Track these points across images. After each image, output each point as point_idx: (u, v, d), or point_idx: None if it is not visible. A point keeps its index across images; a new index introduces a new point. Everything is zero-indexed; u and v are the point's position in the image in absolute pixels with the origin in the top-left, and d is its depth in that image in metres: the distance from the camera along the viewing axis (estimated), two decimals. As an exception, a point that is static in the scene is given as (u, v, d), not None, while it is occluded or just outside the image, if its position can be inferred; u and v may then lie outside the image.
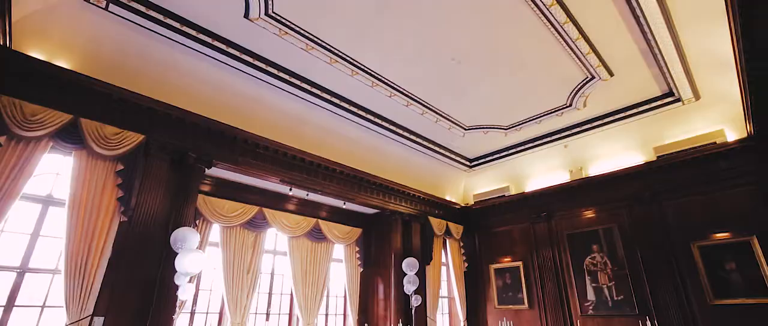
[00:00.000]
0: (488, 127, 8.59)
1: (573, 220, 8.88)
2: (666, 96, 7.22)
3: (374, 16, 5.49)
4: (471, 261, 10.38)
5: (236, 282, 7.12)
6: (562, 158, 9.11)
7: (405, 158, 9.38)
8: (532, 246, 9.39)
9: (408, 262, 8.45)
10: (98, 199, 5.08)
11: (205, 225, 7.01)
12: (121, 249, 5.14)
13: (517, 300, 9.34)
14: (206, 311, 7.12)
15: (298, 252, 8.28)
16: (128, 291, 5.08)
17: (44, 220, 5.12)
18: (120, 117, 5.44)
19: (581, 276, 8.41)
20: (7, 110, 4.57)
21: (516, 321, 9.19)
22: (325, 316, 8.83)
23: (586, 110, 7.79)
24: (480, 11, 5.40)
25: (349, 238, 9.20)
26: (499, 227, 10.18)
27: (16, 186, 4.56)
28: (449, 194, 10.66)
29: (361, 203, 8.64)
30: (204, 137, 6.28)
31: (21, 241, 4.93)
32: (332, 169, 7.95)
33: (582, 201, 8.75)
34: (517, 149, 9.34)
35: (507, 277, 9.66)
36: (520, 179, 9.89)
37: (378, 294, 9.11)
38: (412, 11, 5.40)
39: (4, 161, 4.55)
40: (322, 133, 7.98)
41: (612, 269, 8.05)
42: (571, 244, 8.74)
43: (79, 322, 4.64)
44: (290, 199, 8.34)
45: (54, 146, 4.96)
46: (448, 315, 10.29)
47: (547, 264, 8.97)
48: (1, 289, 4.71)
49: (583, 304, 8.27)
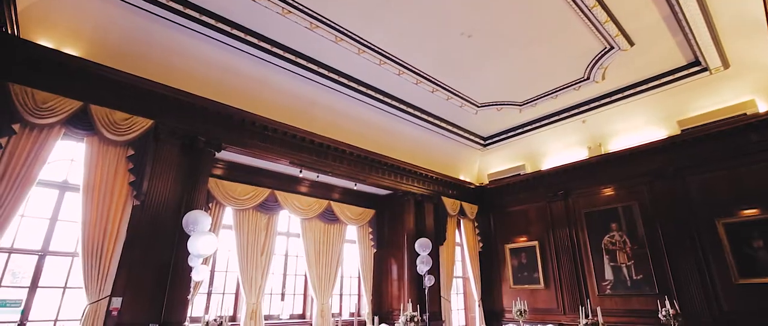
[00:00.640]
0: (502, 103, 8.33)
1: (591, 198, 8.62)
2: (691, 65, 6.80)
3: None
4: (486, 241, 10.27)
5: (250, 264, 7.26)
6: (580, 134, 8.79)
7: (417, 138, 9.24)
8: (548, 225, 9.20)
9: (421, 242, 8.42)
10: (111, 184, 5.19)
11: (217, 208, 7.12)
12: (134, 232, 5.26)
13: (532, 280, 9.23)
14: (222, 292, 7.30)
15: (311, 233, 8.35)
16: (144, 272, 5.23)
17: (61, 205, 5.27)
18: (129, 103, 5.50)
19: (599, 255, 8.21)
20: (19, 98, 4.66)
21: (531, 301, 9.09)
22: (340, 296, 8.95)
23: (604, 83, 7.43)
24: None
25: (362, 219, 9.21)
26: (514, 206, 10.00)
27: (32, 172, 4.69)
28: (463, 173, 10.50)
29: (373, 184, 8.60)
30: (212, 120, 6.30)
31: (41, 226, 5.10)
32: (342, 150, 7.90)
33: (601, 179, 8.47)
34: (533, 125, 9.05)
35: (522, 257, 9.54)
36: (536, 157, 9.62)
37: (392, 274, 9.15)
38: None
39: (20, 149, 4.68)
40: (331, 114, 7.91)
41: (631, 247, 7.82)
42: (588, 223, 8.52)
43: (98, 302, 4.81)
44: (302, 181, 8.37)
45: (66, 132, 5.06)
46: (463, 295, 10.28)
47: (563, 244, 8.79)
48: (25, 271, 4.91)
49: (600, 284, 8.10)
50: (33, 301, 4.85)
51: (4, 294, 4.70)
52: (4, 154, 4.56)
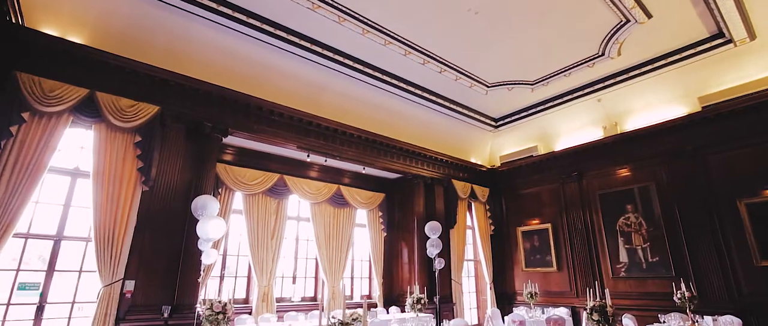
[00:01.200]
0: (513, 83, 8.10)
1: (606, 179, 8.38)
2: (714, 38, 6.44)
3: (380, -33, 5.15)
4: (497, 224, 10.16)
5: (261, 248, 7.35)
6: (594, 114, 8.51)
7: (426, 120, 9.10)
8: (561, 207, 9.02)
9: (431, 226, 8.37)
10: (120, 170, 5.27)
11: (227, 193, 7.20)
12: (145, 217, 5.36)
13: (545, 263, 9.12)
14: (235, 275, 7.44)
15: (321, 217, 8.40)
16: (155, 256, 5.34)
17: (74, 191, 5.39)
18: (134, 89, 5.53)
19: (613, 238, 8.03)
20: (27, 87, 4.73)
21: (544, 284, 9.00)
22: (351, 279, 9.02)
23: (620, 59, 7.12)
24: (495, -47, 4.92)
25: (372, 203, 9.21)
26: (526, 188, 9.83)
27: (43, 159, 4.79)
28: (474, 156, 10.34)
29: (382, 167, 8.55)
30: (218, 106, 6.30)
31: (55, 212, 5.24)
32: (350, 134, 7.85)
33: (616, 159, 8.21)
34: (546, 105, 8.79)
35: (535, 239, 9.41)
36: (549, 137, 9.38)
37: (402, 257, 9.17)
38: (419, -41, 5.01)
39: (30, 136, 4.77)
40: (339, 98, 7.84)
41: (647, 229, 7.60)
42: (603, 204, 8.31)
43: (112, 285, 4.95)
44: (311, 166, 8.38)
45: (74, 120, 5.13)
46: (474, 278, 10.25)
47: (577, 226, 8.62)
48: (42, 255, 5.07)
49: (614, 266, 7.93)
50: (50, 284, 5.01)
51: (23, 278, 4.87)
52: (15, 142, 4.66)
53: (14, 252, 4.89)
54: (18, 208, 4.55)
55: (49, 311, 4.93)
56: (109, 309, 4.87)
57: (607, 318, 3.69)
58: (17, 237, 4.90)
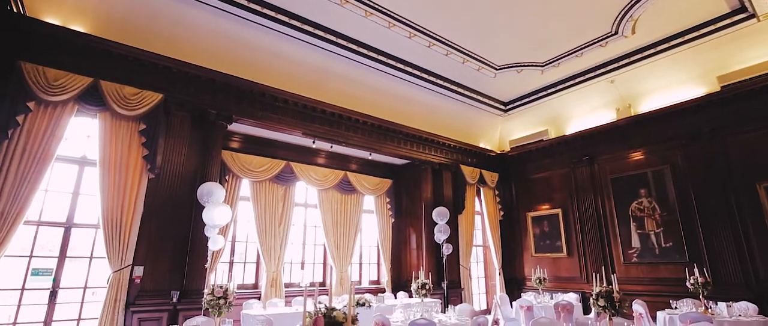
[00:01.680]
0: (522, 65, 7.88)
1: (618, 163, 8.17)
2: (735, 13, 6.12)
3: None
4: (507, 209, 10.05)
5: (269, 234, 7.41)
6: (607, 96, 8.25)
7: (434, 105, 8.96)
8: (572, 192, 8.85)
9: (438, 211, 8.33)
10: (125, 158, 5.31)
11: (234, 181, 7.24)
12: (151, 205, 5.42)
13: (555, 248, 9.01)
14: (244, 261, 7.53)
15: (328, 203, 8.41)
16: (163, 242, 5.42)
17: (82, 180, 5.47)
18: (137, 77, 5.54)
19: (626, 223, 7.86)
20: (31, 76, 4.76)
21: (554, 269, 8.92)
22: (359, 265, 9.07)
23: (635, 38, 6.84)
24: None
25: (379, 189, 9.18)
26: (537, 173, 9.66)
27: (49, 148, 4.86)
28: (483, 141, 10.18)
29: (388, 153, 8.48)
30: (222, 93, 6.28)
31: (64, 200, 5.33)
32: (356, 120, 7.78)
33: (629, 142, 7.98)
34: (556, 87, 8.56)
35: (545, 225, 9.28)
36: (560, 121, 9.16)
37: (410, 243, 9.16)
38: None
39: (37, 126, 4.83)
40: (344, 83, 7.75)
41: (661, 214, 7.41)
42: (615, 189, 8.12)
43: (121, 271, 5.04)
44: (318, 152, 8.36)
45: (80, 109, 5.17)
46: (483, 263, 10.21)
47: (588, 211, 8.46)
48: (54, 242, 5.19)
49: (626, 252, 7.78)
50: (62, 270, 5.14)
51: (36, 264, 5.00)
52: (22, 131, 4.72)
53: (27, 239, 5.00)
54: (27, 196, 4.63)
55: (62, 296, 5.06)
56: (119, 294, 4.97)
57: (613, 303, 3.60)
58: (29, 225, 5.02)
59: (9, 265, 4.93)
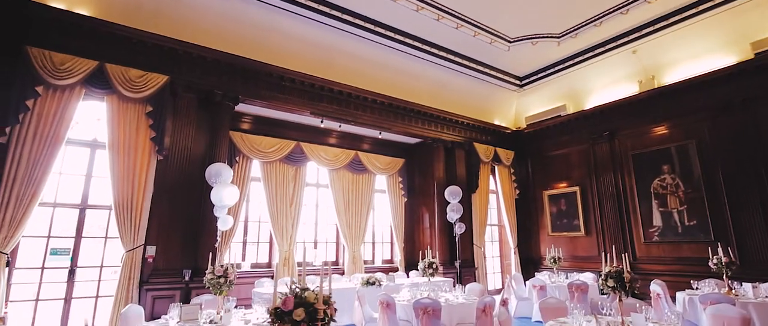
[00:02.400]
0: (537, 36, 7.50)
1: (640, 138, 7.77)
2: (773, -29, 5.59)
3: None
4: (523, 188, 9.81)
5: (280, 214, 7.47)
6: (629, 67, 7.79)
7: (445, 81, 8.70)
8: (591, 169, 8.53)
9: (451, 190, 8.20)
10: (133, 140, 5.38)
11: (245, 162, 7.28)
12: (161, 186, 5.51)
13: (572, 227, 8.77)
14: (257, 241, 7.64)
15: (340, 183, 8.39)
16: (173, 223, 5.52)
17: (94, 162, 5.59)
18: (143, 60, 5.55)
19: (647, 201, 7.53)
20: (38, 61, 4.83)
21: (571, 249, 8.71)
22: (372, 244, 9.09)
23: (659, 3, 6.37)
24: None
25: (391, 168, 9.08)
26: (554, 150, 9.34)
27: (60, 131, 4.95)
28: (498, 118, 9.88)
29: (399, 132, 8.34)
30: (228, 73, 6.25)
31: (78, 182, 5.47)
32: (365, 98, 7.64)
33: (652, 116, 7.56)
34: (574, 60, 8.14)
35: (562, 203, 9.03)
36: (579, 95, 8.76)
37: (423, 222, 9.09)
38: None
39: (46, 109, 4.92)
40: (352, 61, 7.59)
41: (684, 191, 7.05)
42: (636, 165, 7.76)
43: (134, 250, 5.18)
44: (329, 132, 8.30)
45: (87, 92, 5.23)
46: (498, 243, 10.07)
47: (607, 189, 8.15)
48: (70, 223, 5.36)
49: (647, 230, 7.49)
50: (79, 249, 5.32)
51: (54, 244, 5.19)
52: (33, 115, 4.82)
53: (45, 220, 5.18)
54: (41, 178, 4.76)
55: (80, 274, 5.25)
56: (132, 272, 5.12)
57: (623, 284, 3.43)
58: (46, 206, 5.19)
59: (29, 245, 5.14)
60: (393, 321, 4.49)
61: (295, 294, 1.61)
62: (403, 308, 4.62)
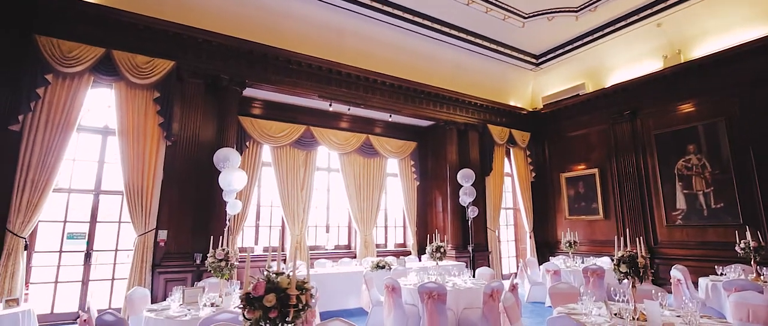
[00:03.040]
0: (553, 11, 7.13)
1: (664, 117, 7.37)
2: (816, -71, 5.07)
3: None
4: (539, 170, 9.53)
5: (291, 198, 7.50)
6: (653, 41, 7.34)
7: (457, 62, 8.44)
8: (610, 150, 8.18)
9: (463, 173, 8.03)
10: (142, 126, 5.43)
11: (255, 147, 7.30)
12: (170, 171, 5.57)
13: (591, 210, 8.48)
14: (269, 225, 7.71)
15: (351, 167, 8.34)
16: (183, 207, 5.58)
17: (106, 149, 5.69)
18: (149, 46, 5.55)
19: (670, 182, 7.18)
20: (47, 49, 4.89)
21: (589, 233, 8.45)
22: (385, 228, 9.06)
23: (687, -30, 5.93)
24: None
25: (403, 152, 8.96)
26: (572, 131, 9.00)
27: (70, 118, 5.04)
28: (514, 98, 9.56)
29: (410, 114, 8.17)
30: (233, 58, 6.20)
31: (92, 168, 5.59)
32: (374, 80, 7.49)
33: (678, 93, 7.14)
34: (594, 35, 7.72)
35: (580, 186, 8.73)
36: (599, 73, 8.35)
37: (436, 206, 8.99)
38: None
39: (56, 97, 5.00)
40: (360, 42, 7.43)
41: (711, 172, 6.67)
42: (659, 145, 7.38)
43: (145, 234, 5.28)
44: (340, 116, 8.21)
45: (96, 80, 5.29)
46: (514, 227, 9.87)
47: (628, 170, 7.80)
48: (85, 208, 5.50)
49: (670, 214, 7.16)
50: (95, 234, 5.47)
51: (70, 229, 5.34)
52: (44, 103, 4.91)
53: (60, 205, 5.33)
54: (54, 164, 4.87)
55: (96, 258, 5.41)
56: (145, 255, 5.23)
57: (637, 270, 3.24)
58: (61, 192, 5.33)
59: (47, 230, 5.32)
60: (399, 305, 4.44)
61: (268, 278, 1.54)
62: (409, 292, 4.57)
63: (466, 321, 4.39)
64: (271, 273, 1.57)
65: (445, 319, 4.08)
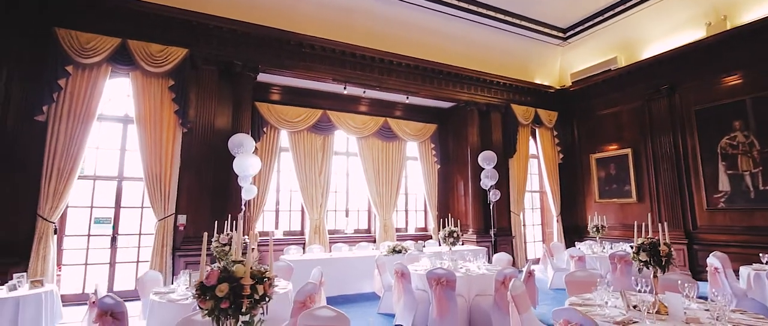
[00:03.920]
0: (581, -20, 6.61)
1: (706, 91, 6.73)
2: None
3: None
4: (567, 151, 9.06)
5: (309, 183, 7.53)
6: (694, 8, 6.67)
7: (477, 40, 8.05)
8: (645, 128, 7.61)
9: (484, 156, 7.74)
10: (158, 114, 5.56)
11: (273, 132, 7.34)
12: (187, 157, 5.69)
13: (623, 193, 7.99)
14: (289, 209, 7.80)
15: (369, 151, 8.25)
16: (201, 193, 5.71)
17: (127, 137, 5.87)
18: (162, 34, 5.63)
19: (712, 162, 6.60)
20: (66, 41, 5.04)
21: (621, 217, 7.98)
22: (405, 212, 8.96)
23: (734, -76, 5.27)
24: None
25: (423, 135, 8.76)
26: (603, 109, 8.44)
27: (91, 108, 5.22)
28: (539, 76, 9.06)
29: (428, 96, 7.93)
30: (245, 44, 6.19)
31: (114, 156, 5.80)
32: (390, 61, 7.30)
33: (723, 64, 6.49)
34: (627, 4, 7.11)
35: (611, 167, 8.22)
36: (633, 45, 7.72)
37: (458, 190, 8.77)
38: None
39: (77, 87, 5.19)
40: (375, 22, 7.21)
41: (760, 150, 6.07)
42: (700, 122, 6.78)
43: (165, 219, 5.45)
44: (358, 100, 8.10)
45: (113, 69, 5.43)
46: (540, 211, 9.49)
47: (664, 150, 7.24)
48: (110, 194, 5.73)
49: (711, 196, 6.60)
50: (119, 218, 5.71)
51: (97, 214, 5.60)
52: (65, 94, 5.10)
53: (87, 191, 5.58)
54: (78, 152, 5.08)
55: (121, 241, 5.65)
56: (165, 239, 5.42)
57: (659, 259, 2.96)
58: (87, 179, 5.58)
59: (76, 214, 5.59)
60: (408, 291, 4.36)
61: (224, 267, 1.47)
62: (420, 278, 4.46)
63: (477, 309, 4.25)
64: (232, 260, 1.50)
65: (454, 306, 3.96)
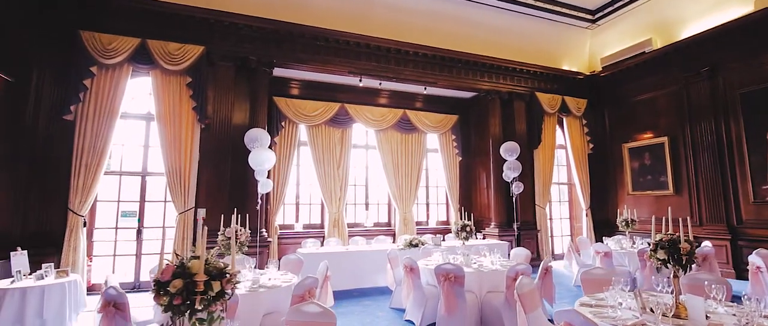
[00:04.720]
0: (608, -43, 6.16)
1: (753, 72, 6.13)
2: None
3: None
4: (597, 141, 8.57)
5: (328, 177, 7.56)
6: (740, -20, 6.07)
7: (499, 26, 7.73)
8: (683, 115, 7.06)
9: (506, 147, 7.47)
10: (177, 111, 5.72)
11: (291, 127, 7.41)
12: (206, 152, 5.84)
13: (659, 185, 7.47)
14: (309, 202, 7.87)
15: (388, 144, 8.17)
16: (219, 187, 5.86)
17: (150, 133, 6.10)
18: (179, 32, 5.77)
19: (760, 150, 6.02)
20: (90, 43, 5.28)
21: (656, 210, 7.46)
22: (426, 205, 8.83)
23: None
24: None
25: (443, 126, 8.56)
26: (637, 95, 7.90)
27: (114, 106, 5.45)
28: (567, 62, 8.60)
29: (446, 85, 7.73)
30: (260, 39, 6.25)
31: (139, 152, 6.04)
32: (406, 51, 7.15)
33: (773, 41, 5.87)
34: (662, -19, 6.58)
35: (646, 157, 7.70)
36: (669, 25, 7.14)
37: (480, 182, 8.54)
38: None
39: (101, 87, 5.43)
40: (389, 11, 7.09)
41: (815, 136, 5.47)
42: (746, 107, 6.20)
43: (185, 213, 5.64)
44: (376, 92, 8.03)
45: (134, 69, 5.64)
46: (568, 203, 9.07)
47: (704, 138, 6.69)
48: (135, 189, 5.99)
49: (759, 188, 6.04)
50: (144, 212, 5.96)
51: (123, 207, 5.87)
52: (91, 94, 5.35)
53: (114, 186, 5.86)
54: (103, 149, 5.33)
55: (146, 234, 5.90)
56: (185, 232, 5.60)
57: (680, 258, 2.71)
58: (114, 175, 5.86)
59: (105, 208, 5.89)
60: (417, 286, 4.27)
61: (181, 262, 1.45)
62: (430, 273, 4.36)
63: (489, 306, 4.10)
64: (192, 255, 1.48)
65: (463, 302, 3.84)
